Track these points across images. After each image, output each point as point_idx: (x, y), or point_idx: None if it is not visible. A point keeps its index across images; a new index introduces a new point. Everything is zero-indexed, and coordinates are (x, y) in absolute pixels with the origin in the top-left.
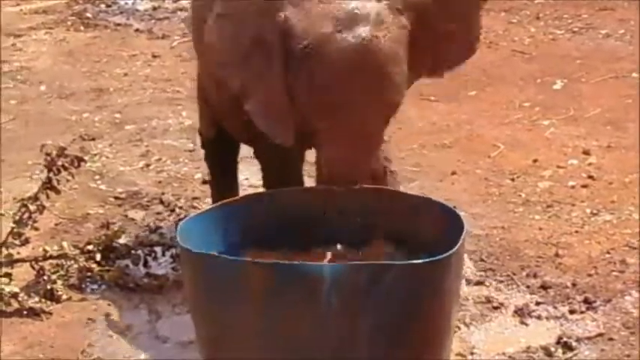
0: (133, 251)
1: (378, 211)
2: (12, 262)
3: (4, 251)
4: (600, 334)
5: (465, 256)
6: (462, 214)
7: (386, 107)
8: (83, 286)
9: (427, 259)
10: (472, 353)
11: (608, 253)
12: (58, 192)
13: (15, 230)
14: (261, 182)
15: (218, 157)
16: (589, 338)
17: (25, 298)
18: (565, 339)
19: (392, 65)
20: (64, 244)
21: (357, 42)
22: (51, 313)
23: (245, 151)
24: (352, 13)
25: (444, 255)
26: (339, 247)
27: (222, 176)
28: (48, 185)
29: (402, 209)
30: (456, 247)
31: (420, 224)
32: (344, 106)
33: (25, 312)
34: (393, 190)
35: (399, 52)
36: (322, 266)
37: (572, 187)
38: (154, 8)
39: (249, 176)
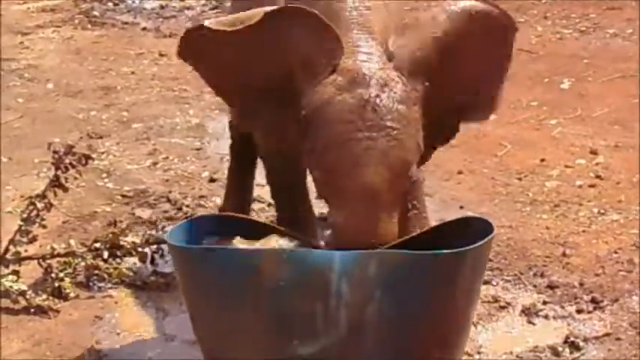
0: (140, 249)
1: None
2: (19, 259)
3: (12, 249)
4: (607, 334)
5: None
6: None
7: (392, 167)
8: (90, 283)
9: (438, 251)
10: (479, 352)
11: (616, 252)
12: (65, 190)
13: (22, 228)
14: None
15: (244, 147)
16: (596, 338)
17: (33, 295)
18: (572, 338)
19: (395, 122)
20: (72, 241)
21: (355, 101)
22: (58, 311)
23: None
24: (352, 77)
25: (457, 250)
26: None
27: (244, 165)
28: (55, 183)
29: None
30: (474, 246)
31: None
32: (348, 167)
33: (32, 309)
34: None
35: (404, 111)
36: (332, 253)
37: (580, 186)
38: (162, 7)
39: (256, 175)
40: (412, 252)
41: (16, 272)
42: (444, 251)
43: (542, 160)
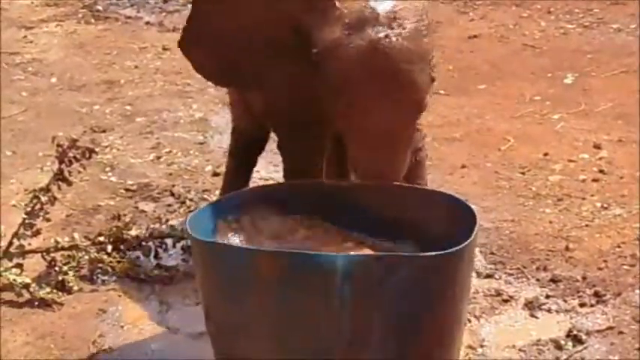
0: (143, 243)
1: (389, 206)
2: (23, 253)
3: (16, 242)
4: (610, 328)
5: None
6: (472, 206)
7: (406, 106)
8: (94, 277)
9: (442, 252)
10: (482, 346)
11: (619, 247)
12: (69, 183)
13: (26, 221)
14: (271, 175)
15: (244, 149)
16: (599, 331)
17: (37, 288)
18: (575, 332)
19: (406, 63)
20: (75, 235)
21: (365, 44)
22: (62, 304)
23: None
24: (361, 15)
25: (459, 247)
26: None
27: (240, 166)
28: (59, 177)
29: (414, 203)
30: (470, 240)
31: (432, 217)
32: (362, 108)
33: (36, 303)
34: (403, 185)
35: (415, 47)
36: (336, 256)
37: (583, 180)
38: (165, 1)
39: (260, 169)
40: (413, 254)
41: (19, 265)
42: (444, 251)
43: (546, 154)
